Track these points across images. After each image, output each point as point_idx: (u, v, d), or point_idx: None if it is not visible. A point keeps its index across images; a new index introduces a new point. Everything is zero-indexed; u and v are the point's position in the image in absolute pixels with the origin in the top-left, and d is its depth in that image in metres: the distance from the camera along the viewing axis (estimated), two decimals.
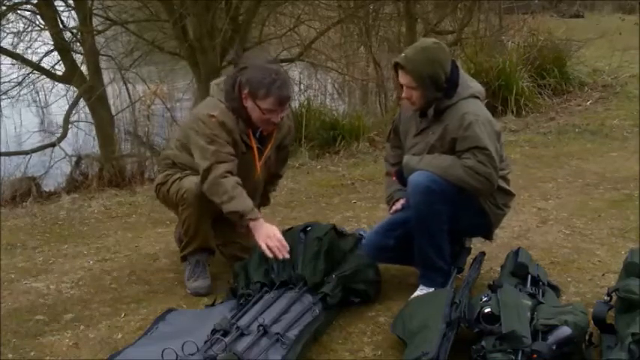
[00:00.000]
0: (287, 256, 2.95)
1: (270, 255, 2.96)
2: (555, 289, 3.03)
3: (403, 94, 3.03)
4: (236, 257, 3.35)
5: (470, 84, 3.05)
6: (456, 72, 3.00)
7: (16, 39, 6.53)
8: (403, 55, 3.00)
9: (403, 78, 2.98)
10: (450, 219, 2.97)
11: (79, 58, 6.50)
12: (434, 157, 2.98)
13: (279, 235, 3.01)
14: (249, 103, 3.11)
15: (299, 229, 3.20)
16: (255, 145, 3.21)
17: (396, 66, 3.00)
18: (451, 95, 2.96)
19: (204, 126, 3.10)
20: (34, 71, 6.49)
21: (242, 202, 3.03)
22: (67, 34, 6.36)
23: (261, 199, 3.56)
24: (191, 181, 3.16)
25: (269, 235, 2.99)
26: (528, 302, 2.60)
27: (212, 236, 3.33)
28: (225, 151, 3.09)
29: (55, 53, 6.38)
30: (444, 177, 2.90)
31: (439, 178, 2.90)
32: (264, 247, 2.97)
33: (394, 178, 3.21)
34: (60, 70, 6.54)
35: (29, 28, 6.53)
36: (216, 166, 3.05)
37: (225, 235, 3.41)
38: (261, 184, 3.43)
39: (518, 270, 2.95)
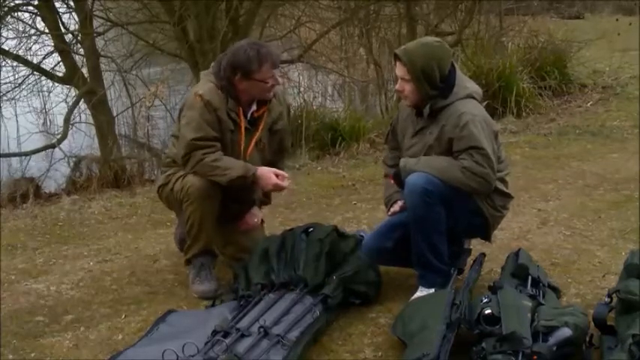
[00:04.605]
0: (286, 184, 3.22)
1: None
2: (556, 291, 3.02)
3: (397, 86, 3.08)
4: (236, 258, 3.34)
5: (467, 85, 3.07)
6: (454, 73, 3.02)
7: (16, 40, 6.54)
8: (403, 47, 3.06)
9: (399, 70, 3.02)
10: (448, 220, 2.97)
11: (79, 59, 6.50)
12: (431, 159, 2.98)
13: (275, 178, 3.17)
14: (245, 84, 3.17)
15: (300, 231, 3.20)
16: (244, 124, 3.23)
17: (395, 57, 3.05)
18: (446, 95, 2.97)
19: (191, 109, 3.17)
20: (35, 72, 6.49)
21: (234, 166, 3.12)
22: (68, 36, 6.36)
23: (263, 197, 3.52)
24: (195, 177, 3.14)
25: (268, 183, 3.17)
26: (529, 303, 2.59)
27: (214, 238, 3.30)
28: (204, 137, 3.13)
29: (56, 54, 6.39)
30: (441, 178, 2.90)
31: (436, 180, 2.90)
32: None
33: (391, 181, 3.21)
34: (60, 71, 6.54)
35: (30, 30, 6.53)
36: (194, 154, 3.12)
37: (224, 235, 3.40)
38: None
39: (519, 271, 2.94)
